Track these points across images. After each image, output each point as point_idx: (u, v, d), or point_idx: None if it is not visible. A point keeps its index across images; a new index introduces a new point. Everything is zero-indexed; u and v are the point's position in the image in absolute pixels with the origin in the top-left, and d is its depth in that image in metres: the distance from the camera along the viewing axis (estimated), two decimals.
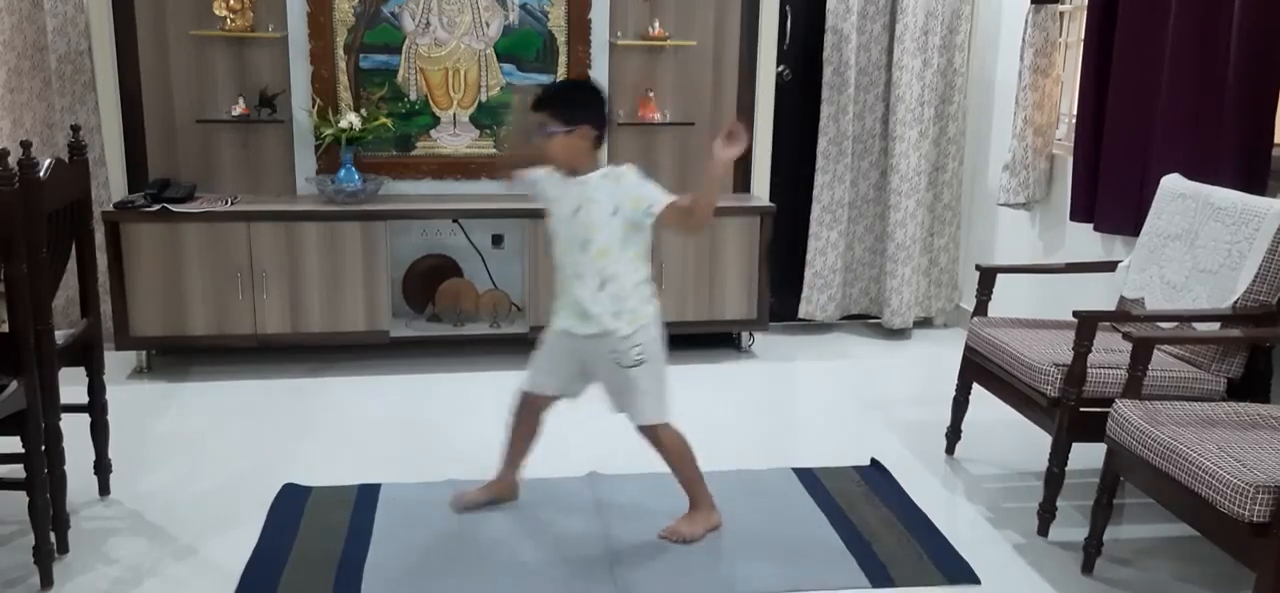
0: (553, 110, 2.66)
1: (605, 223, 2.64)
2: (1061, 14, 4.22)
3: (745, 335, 4.66)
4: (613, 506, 3.01)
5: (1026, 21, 4.18)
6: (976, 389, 3.36)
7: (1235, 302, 2.86)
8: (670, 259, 4.36)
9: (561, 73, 4.47)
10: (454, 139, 4.51)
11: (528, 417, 2.94)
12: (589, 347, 2.74)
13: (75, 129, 2.93)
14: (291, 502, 2.99)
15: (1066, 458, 2.85)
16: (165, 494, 3.07)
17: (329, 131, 4.19)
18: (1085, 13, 3.90)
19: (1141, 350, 2.65)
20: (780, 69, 4.69)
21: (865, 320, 5.07)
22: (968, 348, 3.36)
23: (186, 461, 3.33)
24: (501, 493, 3.00)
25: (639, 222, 2.64)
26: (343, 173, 4.24)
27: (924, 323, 5.06)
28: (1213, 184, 3.10)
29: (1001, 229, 4.68)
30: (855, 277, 4.98)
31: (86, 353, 2.94)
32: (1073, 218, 3.94)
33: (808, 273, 4.83)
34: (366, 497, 3.04)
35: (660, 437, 2.79)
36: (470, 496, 2.98)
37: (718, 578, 2.65)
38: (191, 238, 4.02)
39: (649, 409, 2.75)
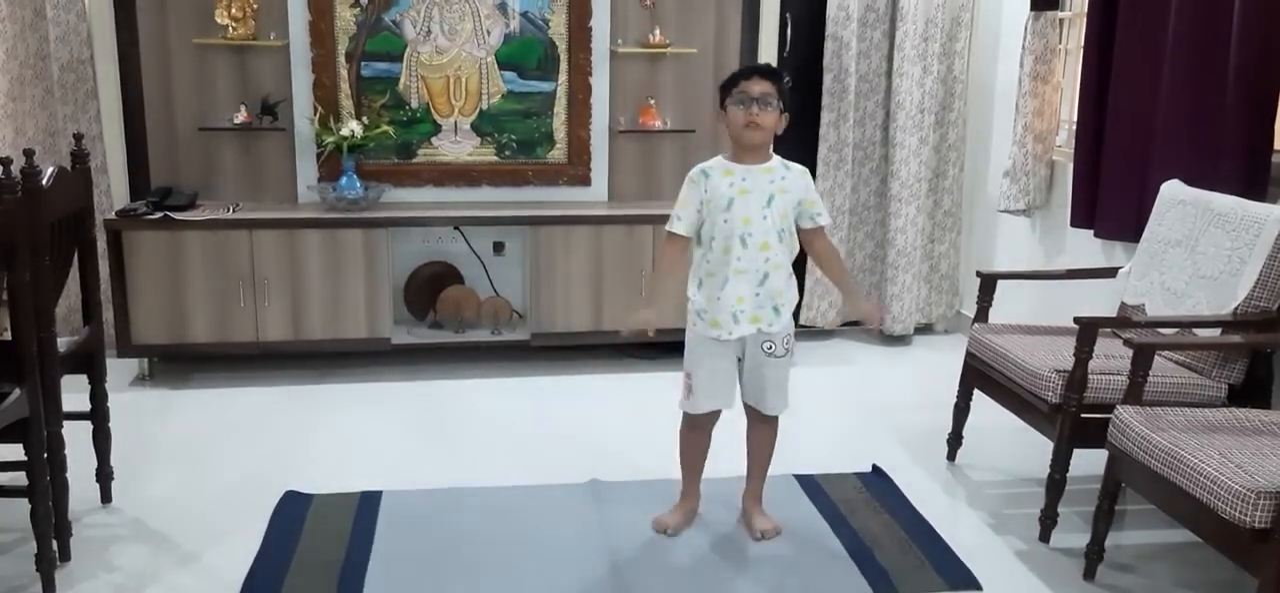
0: (780, 87, 2.69)
1: (790, 212, 2.70)
2: (1061, 21, 4.23)
3: None
4: (613, 512, 3.00)
5: (1026, 28, 4.19)
6: (977, 395, 3.36)
7: (1236, 308, 2.86)
8: None
9: (562, 81, 4.49)
10: (455, 146, 4.51)
11: (702, 439, 2.89)
12: (752, 343, 2.74)
13: (78, 137, 2.94)
14: (293, 509, 2.99)
15: (1068, 464, 2.85)
16: (167, 502, 3.07)
17: (331, 139, 4.20)
18: (1085, 19, 3.91)
19: (1142, 356, 2.65)
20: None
21: (866, 327, 5.07)
22: (969, 354, 3.36)
23: (188, 468, 3.33)
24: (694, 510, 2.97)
25: (795, 222, 2.72)
26: (344, 180, 4.25)
27: (925, 329, 5.06)
28: (1213, 190, 3.10)
29: (1002, 235, 4.68)
30: (856, 283, 4.98)
31: (89, 361, 2.95)
32: (1073, 224, 3.95)
33: (809, 279, 4.83)
34: (368, 504, 3.04)
35: (775, 427, 2.88)
36: (665, 519, 2.92)
37: (719, 585, 2.64)
38: (193, 246, 4.02)
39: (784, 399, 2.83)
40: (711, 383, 2.76)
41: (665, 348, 4.52)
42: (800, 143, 4.76)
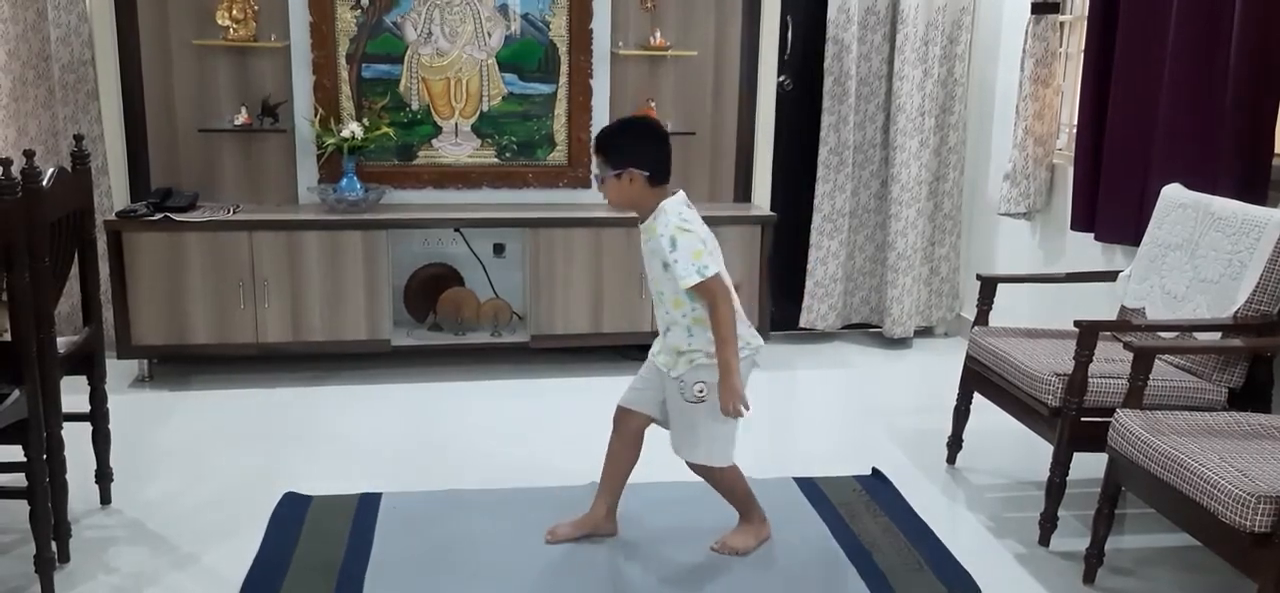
0: (602, 155, 2.62)
1: (659, 273, 2.59)
2: (1062, 24, 4.23)
3: None
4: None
5: (1027, 31, 4.19)
6: (977, 398, 3.36)
7: (1236, 311, 2.86)
8: None
9: (563, 83, 4.49)
10: (456, 148, 4.51)
11: (623, 437, 2.81)
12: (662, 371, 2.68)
13: (78, 138, 2.94)
14: (292, 511, 2.99)
15: (1068, 467, 2.85)
16: (166, 503, 3.07)
17: (331, 141, 4.20)
18: (1085, 23, 3.91)
19: (1142, 360, 2.65)
20: (781, 79, 4.71)
21: (866, 330, 5.07)
22: (969, 357, 3.36)
23: (188, 470, 3.33)
24: (598, 526, 2.85)
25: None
26: (344, 182, 4.25)
27: (925, 332, 5.06)
28: (1213, 194, 3.10)
29: (1002, 239, 4.68)
30: (856, 286, 4.98)
31: (88, 362, 2.95)
32: (1073, 227, 3.94)
33: (809, 282, 4.83)
34: (367, 506, 3.04)
35: (712, 475, 2.75)
36: (563, 529, 2.86)
37: (719, 588, 2.64)
38: (193, 247, 4.02)
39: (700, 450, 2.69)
40: (635, 380, 2.79)
41: None
42: (801, 145, 4.78)
